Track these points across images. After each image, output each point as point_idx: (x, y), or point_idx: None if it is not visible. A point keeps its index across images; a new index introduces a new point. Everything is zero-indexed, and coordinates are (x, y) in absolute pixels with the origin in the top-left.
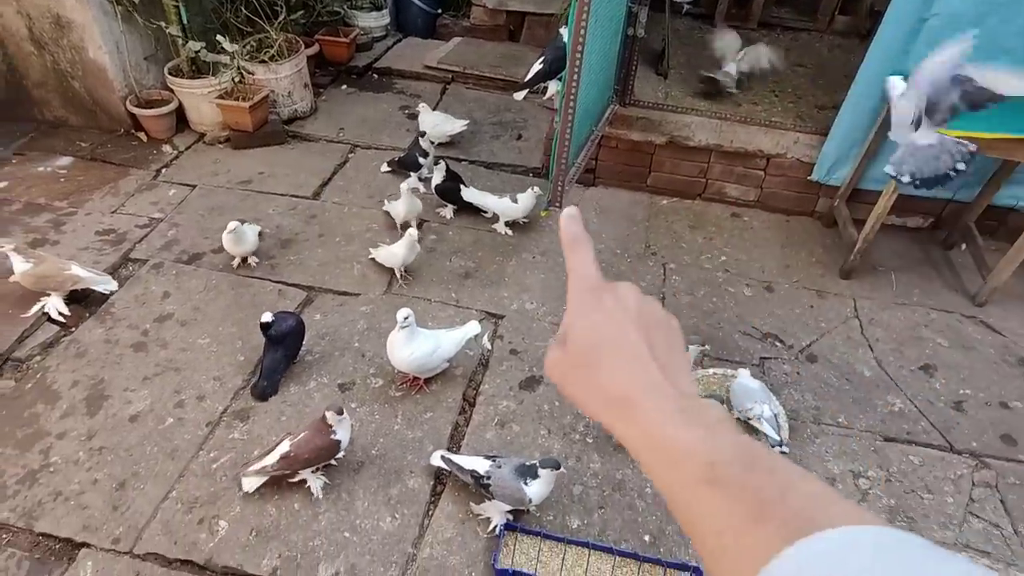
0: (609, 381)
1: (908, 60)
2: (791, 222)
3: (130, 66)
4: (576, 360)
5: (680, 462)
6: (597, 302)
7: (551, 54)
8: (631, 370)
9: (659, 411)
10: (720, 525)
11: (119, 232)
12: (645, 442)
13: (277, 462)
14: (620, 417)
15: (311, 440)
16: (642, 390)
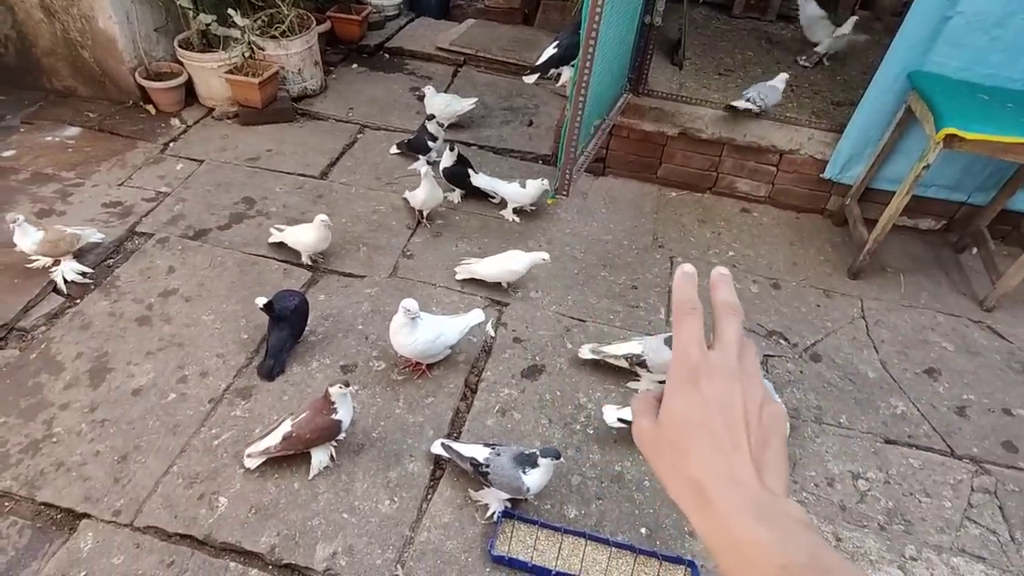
0: (694, 466)
1: (929, 59)
2: (801, 219)
3: (140, 37)
4: (667, 437)
5: (752, 560)
6: (696, 383)
7: (567, 39)
8: (716, 460)
9: (736, 505)
10: None
11: (126, 205)
12: (719, 534)
13: (279, 443)
14: (698, 505)
15: (312, 420)
16: (724, 482)
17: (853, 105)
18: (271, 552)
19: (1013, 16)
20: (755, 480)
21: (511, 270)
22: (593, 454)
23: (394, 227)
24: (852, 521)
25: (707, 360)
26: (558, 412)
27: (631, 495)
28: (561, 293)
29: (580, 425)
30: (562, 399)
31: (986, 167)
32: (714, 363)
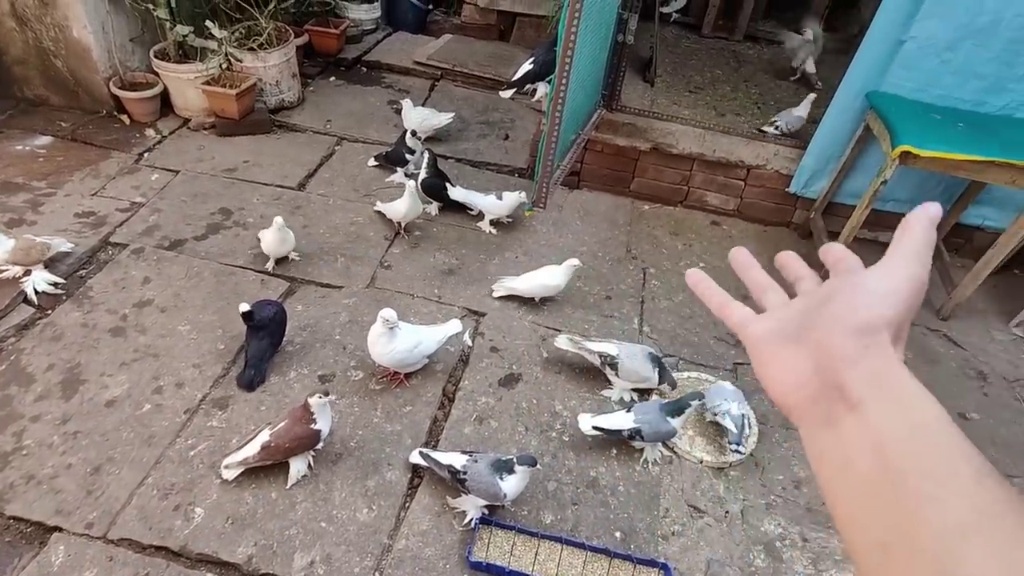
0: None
1: (886, 80)
2: (768, 232)
3: (115, 47)
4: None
5: (921, 503)
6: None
7: (542, 55)
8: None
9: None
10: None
11: (99, 215)
12: (867, 443)
13: (258, 452)
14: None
15: (291, 429)
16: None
17: (816, 122)
18: (248, 562)
19: (961, 42)
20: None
21: (550, 285)
22: (569, 460)
23: (372, 238)
24: (818, 523)
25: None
26: (534, 420)
27: (606, 500)
28: (537, 303)
29: (556, 432)
30: (538, 407)
31: (940, 183)
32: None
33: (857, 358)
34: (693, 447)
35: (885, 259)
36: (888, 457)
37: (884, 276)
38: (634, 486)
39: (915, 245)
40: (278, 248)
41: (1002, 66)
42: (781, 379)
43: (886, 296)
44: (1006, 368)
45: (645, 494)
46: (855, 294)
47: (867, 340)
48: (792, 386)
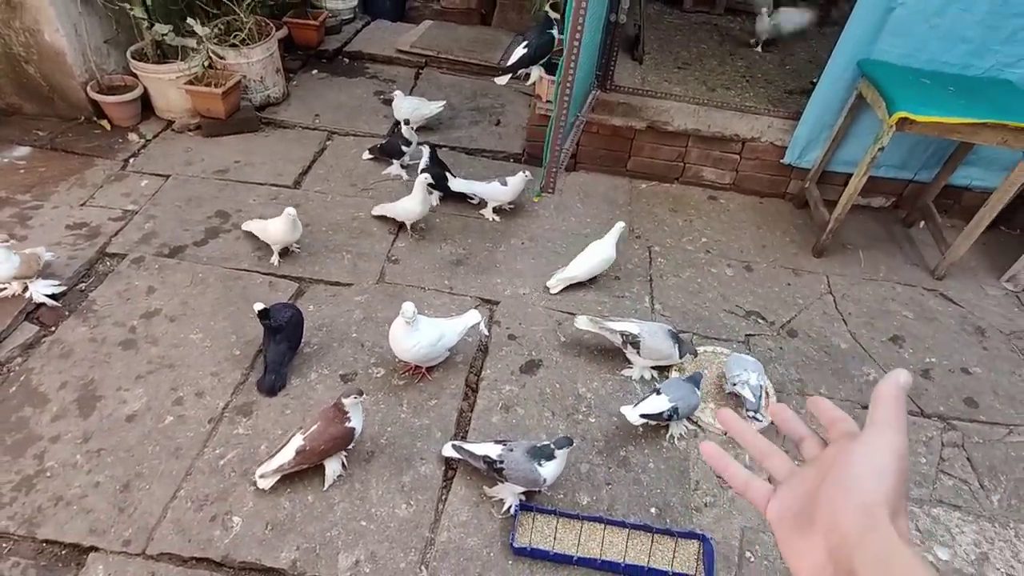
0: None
1: (876, 47)
2: (764, 204)
3: (90, 50)
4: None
5: None
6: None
7: (535, 39)
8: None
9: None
10: None
11: (92, 226)
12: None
13: (293, 458)
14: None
15: (325, 430)
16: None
17: (804, 93)
18: (293, 567)
19: (949, 6)
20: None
21: (605, 259)
22: (598, 442)
23: (376, 233)
24: None
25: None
26: (559, 404)
27: (638, 477)
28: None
29: (582, 415)
30: (562, 391)
31: (929, 147)
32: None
33: (861, 540)
34: (716, 420)
35: (866, 433)
36: None
37: (871, 454)
38: (663, 462)
39: (891, 417)
40: (287, 238)
41: (986, 29)
42: (801, 561)
43: (876, 476)
44: (1001, 322)
45: (675, 469)
46: (849, 474)
47: (868, 520)
48: (812, 568)
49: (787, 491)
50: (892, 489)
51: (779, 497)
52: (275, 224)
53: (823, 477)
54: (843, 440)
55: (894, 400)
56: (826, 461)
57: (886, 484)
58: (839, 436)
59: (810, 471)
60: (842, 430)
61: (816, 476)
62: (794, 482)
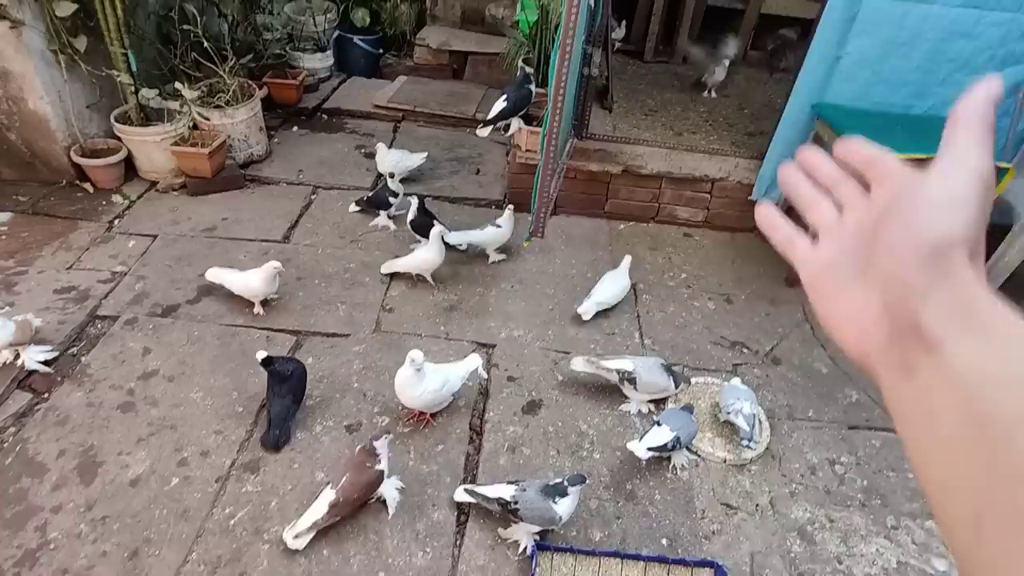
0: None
1: (828, 92)
2: (736, 238)
3: (73, 115)
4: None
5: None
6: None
7: (514, 93)
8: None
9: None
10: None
11: (80, 289)
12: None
13: (327, 512)
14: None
15: (356, 479)
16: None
17: (764, 134)
18: None
19: (889, 55)
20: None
21: (624, 286)
22: (604, 477)
23: (368, 283)
24: (838, 502)
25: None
26: (564, 442)
27: (646, 510)
28: (541, 329)
29: (586, 451)
30: (564, 429)
31: None
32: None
33: (930, 289)
34: (715, 448)
35: (940, 156)
36: (979, 407)
37: (945, 179)
38: (669, 493)
39: (975, 131)
40: (268, 288)
41: (924, 74)
42: (848, 325)
43: (952, 206)
44: None
45: (680, 499)
46: (914, 209)
47: (940, 265)
48: (861, 332)
49: (829, 240)
50: (973, 223)
51: (820, 248)
52: (255, 276)
53: (879, 220)
54: (897, 175)
55: (978, 117)
56: (880, 199)
57: (966, 216)
58: (886, 174)
59: (858, 215)
60: (889, 168)
61: (869, 221)
62: (838, 230)
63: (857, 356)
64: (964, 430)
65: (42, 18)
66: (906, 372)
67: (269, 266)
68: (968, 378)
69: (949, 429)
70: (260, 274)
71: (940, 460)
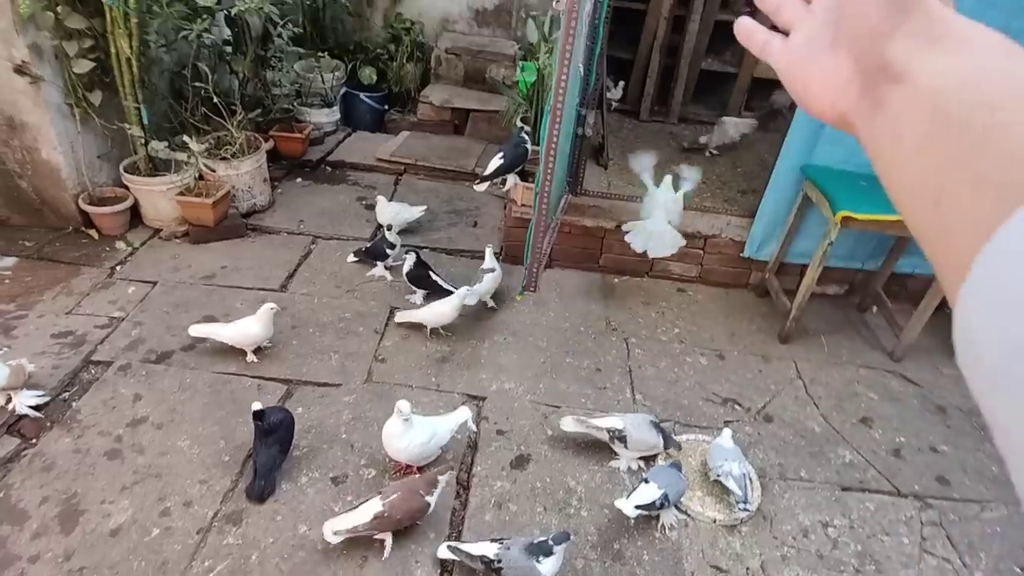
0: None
1: (815, 153)
2: (729, 294)
3: (84, 165)
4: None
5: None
6: None
7: (510, 151)
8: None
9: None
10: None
11: (77, 334)
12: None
13: (369, 521)
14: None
15: (407, 501)
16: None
17: (756, 192)
18: None
19: None
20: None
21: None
22: (591, 535)
23: (362, 333)
24: (831, 568)
25: None
26: (551, 498)
27: (633, 571)
28: (532, 382)
29: (574, 509)
30: (552, 485)
31: (873, 239)
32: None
33: (895, 28)
34: (705, 508)
35: None
36: (945, 111)
37: None
38: (657, 553)
39: None
40: (265, 334)
41: None
42: (823, 92)
43: None
44: (959, 400)
45: (668, 560)
46: None
47: (902, 3)
48: (836, 93)
49: (800, 28)
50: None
51: (792, 38)
52: (254, 322)
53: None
54: None
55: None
56: None
57: None
58: None
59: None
60: None
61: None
62: (807, 18)
63: (835, 118)
64: (931, 132)
65: (61, 74)
66: (878, 108)
67: (265, 308)
68: (933, 90)
69: (916, 137)
70: (258, 320)
71: (907, 163)
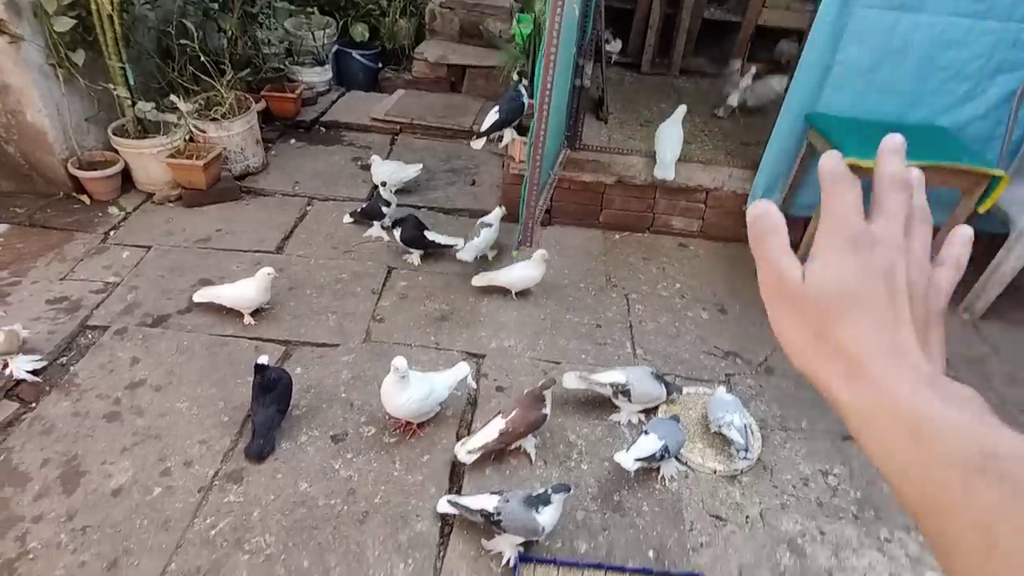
0: (850, 337)
1: (821, 101)
2: (731, 248)
3: (71, 128)
4: (813, 298)
5: (932, 439)
6: (855, 249)
7: (506, 104)
8: (877, 333)
9: (905, 379)
10: (992, 518)
11: (72, 299)
12: (878, 406)
13: (497, 438)
14: (847, 374)
15: (525, 416)
16: (886, 353)
17: (759, 144)
18: None
19: (880, 64)
20: (922, 358)
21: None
22: (591, 488)
23: (360, 293)
24: (830, 515)
25: (869, 230)
26: (551, 452)
27: (633, 522)
28: (532, 339)
29: (574, 462)
30: (553, 440)
31: None
32: (877, 234)
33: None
34: (705, 459)
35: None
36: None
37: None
38: (657, 504)
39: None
40: (262, 298)
41: (916, 82)
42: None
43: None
44: (963, 350)
45: (668, 510)
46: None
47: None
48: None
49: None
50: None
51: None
52: (250, 285)
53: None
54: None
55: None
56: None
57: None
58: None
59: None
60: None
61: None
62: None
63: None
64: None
65: (41, 33)
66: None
67: (262, 273)
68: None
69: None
70: (254, 283)
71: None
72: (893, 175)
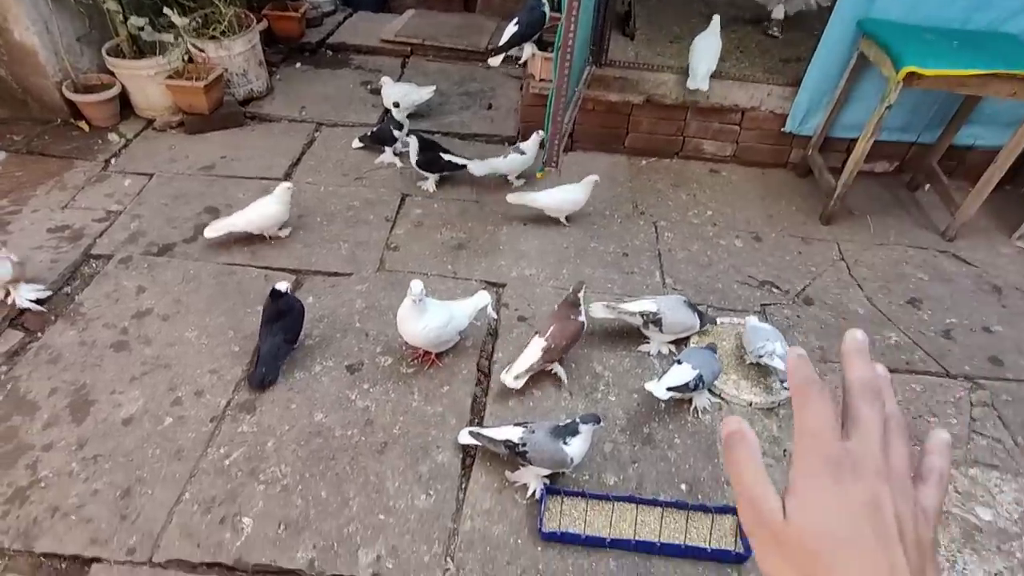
0: None
1: (875, 7)
2: (767, 174)
3: (63, 48)
4: (799, 540)
5: None
6: (837, 480)
7: (525, 16)
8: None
9: None
10: None
11: (74, 228)
12: None
13: (540, 356)
14: None
15: (564, 329)
16: None
17: (800, 60)
18: (311, 566)
19: None
20: None
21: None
22: (620, 420)
23: (372, 221)
24: None
25: (848, 452)
26: (577, 384)
27: (664, 454)
28: (555, 268)
29: (601, 393)
30: (578, 371)
31: (932, 106)
32: (856, 456)
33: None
34: (740, 391)
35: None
36: None
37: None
38: (689, 437)
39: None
40: (283, 215)
41: None
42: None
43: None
44: (1017, 280)
45: (702, 443)
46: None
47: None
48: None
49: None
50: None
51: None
52: (271, 202)
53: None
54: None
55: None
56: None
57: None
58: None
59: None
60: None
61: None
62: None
63: None
64: None
65: None
66: None
67: (282, 188)
68: None
69: None
70: (274, 199)
71: None
72: (863, 382)
